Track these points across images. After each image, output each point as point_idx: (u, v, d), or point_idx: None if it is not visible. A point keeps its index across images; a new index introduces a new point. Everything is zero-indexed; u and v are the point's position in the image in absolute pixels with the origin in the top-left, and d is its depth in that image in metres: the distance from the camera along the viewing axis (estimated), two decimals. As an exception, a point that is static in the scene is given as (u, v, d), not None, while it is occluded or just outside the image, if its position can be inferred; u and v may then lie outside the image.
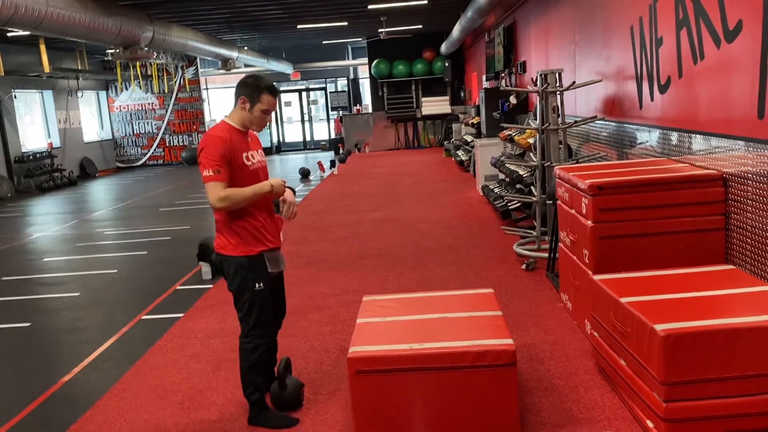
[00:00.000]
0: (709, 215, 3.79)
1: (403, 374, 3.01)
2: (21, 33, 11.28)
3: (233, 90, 3.28)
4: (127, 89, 20.17)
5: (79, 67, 17.15)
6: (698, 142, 4.08)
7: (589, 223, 3.91)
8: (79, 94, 18.26)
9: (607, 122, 5.93)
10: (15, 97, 15.68)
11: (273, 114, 3.34)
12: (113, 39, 10.79)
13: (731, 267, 3.58)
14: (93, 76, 18.67)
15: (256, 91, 3.20)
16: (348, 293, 5.49)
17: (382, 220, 8.60)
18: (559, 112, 5.96)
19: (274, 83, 3.30)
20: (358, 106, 21.61)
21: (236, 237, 3.23)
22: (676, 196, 3.80)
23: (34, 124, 17.29)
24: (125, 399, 3.78)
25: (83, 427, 3.47)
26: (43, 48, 14.24)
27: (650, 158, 4.83)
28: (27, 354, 4.76)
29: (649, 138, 4.94)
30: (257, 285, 3.25)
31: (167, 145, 20.67)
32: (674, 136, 4.46)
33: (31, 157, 15.83)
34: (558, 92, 5.94)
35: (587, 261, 3.98)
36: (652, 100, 4.86)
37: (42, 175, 15.86)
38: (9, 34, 13.09)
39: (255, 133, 3.39)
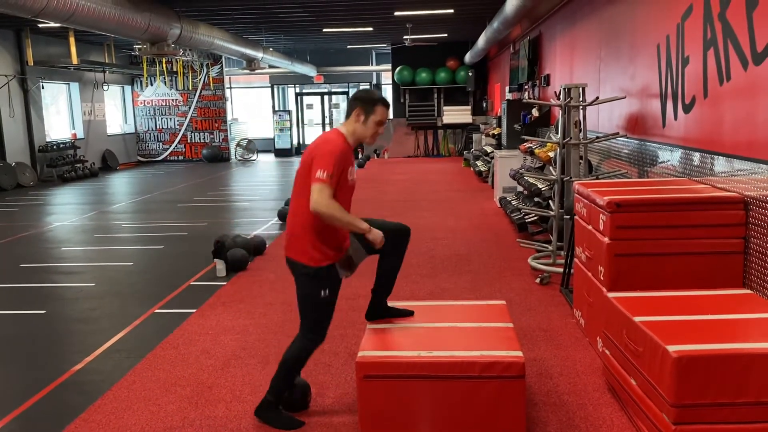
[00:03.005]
0: (728, 238, 3.75)
1: (411, 381, 3.01)
2: (51, 25, 11.46)
3: (256, 90, 3.30)
4: (152, 84, 20.44)
5: (106, 61, 17.39)
6: (720, 164, 4.05)
7: (606, 239, 3.88)
8: (105, 87, 18.49)
9: (629, 139, 5.90)
10: (42, 87, 15.91)
11: (295, 116, 3.37)
12: (141, 34, 10.94)
13: (748, 291, 3.54)
14: (119, 70, 18.92)
15: (370, 104, 3.24)
16: (360, 298, 5.49)
17: (398, 227, 8.58)
18: (581, 127, 5.94)
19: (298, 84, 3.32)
20: (379, 112, 21.62)
21: (317, 250, 3.22)
22: (696, 217, 3.76)
23: (59, 115, 17.54)
24: (134, 390, 3.81)
25: (92, 416, 3.51)
26: (72, 40, 14.47)
27: (671, 178, 4.80)
28: (41, 341, 4.82)
29: (670, 157, 4.90)
30: (323, 292, 3.27)
31: (188, 141, 20.87)
32: (696, 157, 4.42)
33: (54, 147, 16.04)
34: (581, 107, 5.91)
35: (602, 278, 3.96)
36: (675, 119, 4.82)
37: (64, 165, 16.05)
38: (40, 26, 13.31)
39: (367, 145, 3.34)
